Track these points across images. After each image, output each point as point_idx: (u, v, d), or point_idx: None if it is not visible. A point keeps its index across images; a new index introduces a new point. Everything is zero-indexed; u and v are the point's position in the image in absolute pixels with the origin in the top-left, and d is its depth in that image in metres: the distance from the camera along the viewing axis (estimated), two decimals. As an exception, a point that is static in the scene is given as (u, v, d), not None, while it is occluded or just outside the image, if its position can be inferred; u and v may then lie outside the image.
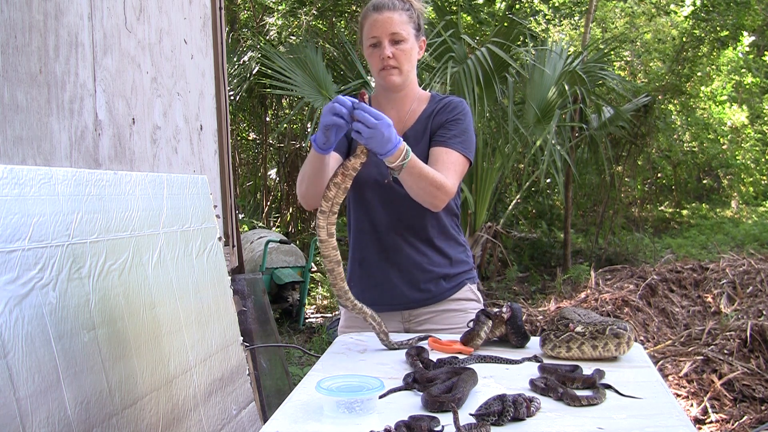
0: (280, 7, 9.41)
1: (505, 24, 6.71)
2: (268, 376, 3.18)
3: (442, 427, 1.12)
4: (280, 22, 9.29)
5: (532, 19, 9.46)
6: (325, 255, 1.56)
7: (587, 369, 1.42)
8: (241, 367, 2.30)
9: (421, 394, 1.28)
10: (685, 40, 9.70)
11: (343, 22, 9.74)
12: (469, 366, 1.46)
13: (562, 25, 11.68)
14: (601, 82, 7.09)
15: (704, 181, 15.51)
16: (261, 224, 9.19)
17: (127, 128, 2.19)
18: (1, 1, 1.60)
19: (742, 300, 5.28)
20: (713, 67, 11.56)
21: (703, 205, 14.57)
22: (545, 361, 1.52)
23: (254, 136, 10.72)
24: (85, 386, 1.43)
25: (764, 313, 4.75)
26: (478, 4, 8.20)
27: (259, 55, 7.60)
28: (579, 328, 1.55)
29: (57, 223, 1.45)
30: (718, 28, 9.38)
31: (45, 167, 1.51)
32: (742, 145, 13.84)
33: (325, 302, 6.92)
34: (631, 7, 11.45)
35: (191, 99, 2.72)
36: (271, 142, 10.12)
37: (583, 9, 9.88)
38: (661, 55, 10.80)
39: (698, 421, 3.44)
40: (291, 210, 10.03)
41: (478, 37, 7.51)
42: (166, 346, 1.80)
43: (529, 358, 1.56)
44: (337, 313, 6.38)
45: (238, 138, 10.29)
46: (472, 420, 1.14)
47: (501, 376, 1.45)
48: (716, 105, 12.90)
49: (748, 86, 13.49)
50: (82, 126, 1.92)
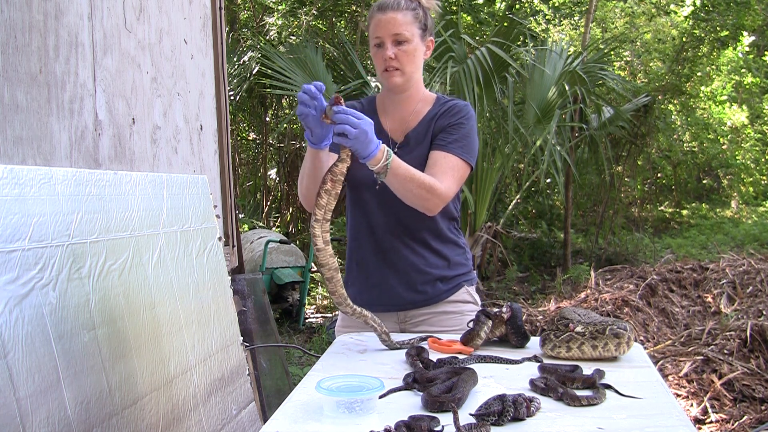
0: (280, 7, 9.41)
1: (505, 24, 6.72)
2: (268, 376, 3.18)
3: (442, 427, 1.12)
4: (280, 22, 9.29)
5: (532, 19, 9.47)
6: (323, 263, 1.55)
7: (587, 369, 1.42)
8: (241, 367, 2.30)
9: (421, 394, 1.28)
10: (685, 40, 9.70)
11: (343, 22, 9.75)
12: (469, 366, 1.46)
13: (562, 25, 11.68)
14: (601, 82, 7.09)
15: (704, 181, 15.51)
16: (261, 224, 9.19)
17: (127, 128, 2.19)
18: (1, 1, 1.60)
19: (742, 300, 5.28)
20: (713, 67, 11.56)
21: (703, 205, 14.57)
22: (545, 361, 1.52)
23: (254, 136, 10.72)
24: (85, 386, 1.43)
25: (764, 313, 4.75)
26: (478, 4, 8.20)
27: (259, 55, 7.60)
28: (579, 328, 1.55)
29: (57, 223, 1.45)
30: (718, 28, 9.38)
31: (45, 167, 1.51)
32: (742, 145, 13.85)
33: (325, 302, 6.92)
34: (631, 7, 11.45)
35: (191, 99, 2.72)
36: (271, 142, 10.12)
37: (583, 9, 9.89)
38: (661, 55, 10.80)
39: (698, 421, 3.44)
40: (291, 210, 10.04)
41: (478, 37, 7.51)
42: (166, 346, 1.80)
43: (529, 358, 1.56)
44: (336, 313, 6.38)
45: (238, 138, 10.29)
46: (472, 420, 1.14)
47: (501, 376, 1.45)
48: (716, 105, 12.90)
49: (748, 86, 13.49)
50: (82, 126, 1.92)
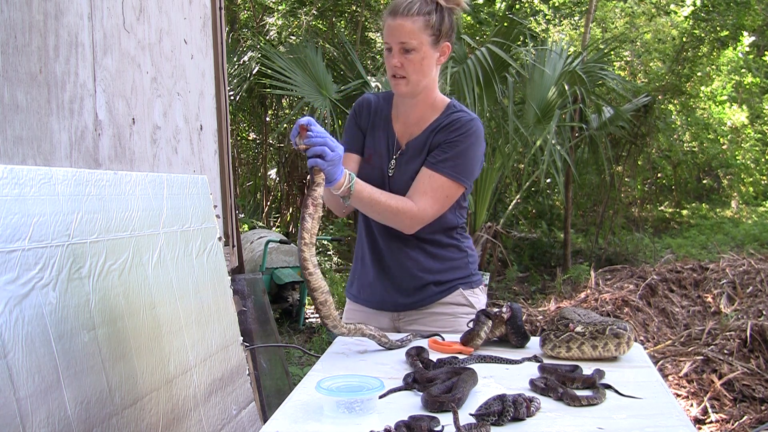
0: (280, 7, 9.41)
1: (505, 24, 6.71)
2: (268, 376, 3.18)
3: (442, 427, 1.12)
4: (280, 22, 9.29)
5: (532, 19, 9.47)
6: (316, 288, 1.53)
7: (587, 369, 1.42)
8: (241, 367, 2.30)
9: (421, 394, 1.28)
10: (685, 40, 9.70)
11: (343, 22, 9.74)
12: (469, 366, 1.46)
13: (562, 25, 11.68)
14: (601, 82, 7.09)
15: (704, 181, 15.51)
16: (261, 224, 9.19)
17: (127, 128, 2.19)
18: (1, 1, 1.60)
19: (742, 300, 5.28)
20: (713, 67, 11.56)
21: (703, 205, 14.57)
22: (545, 361, 1.52)
23: (254, 136, 10.72)
24: (85, 386, 1.43)
25: (764, 313, 4.76)
26: (478, 4, 8.20)
27: (259, 55, 7.60)
28: (579, 328, 1.55)
29: (57, 223, 1.45)
30: (718, 28, 9.38)
31: (45, 167, 1.51)
32: (742, 145, 13.85)
33: (325, 302, 6.91)
34: (631, 7, 11.45)
35: (191, 99, 2.72)
36: (271, 142, 10.11)
37: (583, 9, 9.89)
38: (661, 55, 10.80)
39: (698, 421, 3.44)
40: (291, 210, 10.03)
41: (478, 37, 7.51)
42: (166, 346, 1.80)
43: (529, 358, 1.56)
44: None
45: (238, 138, 10.29)
46: (472, 420, 1.14)
47: (501, 376, 1.45)
48: (716, 105, 12.90)
49: (748, 86, 13.49)
50: (82, 126, 1.92)
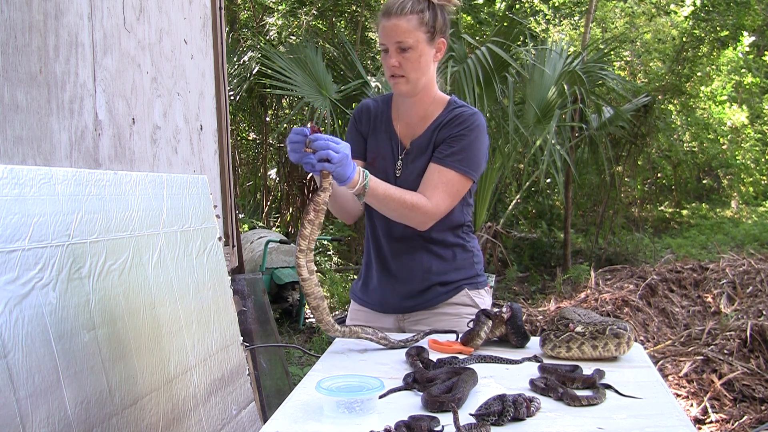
0: (280, 7, 9.41)
1: (505, 24, 6.72)
2: (268, 376, 3.18)
3: (442, 427, 1.12)
4: (280, 22, 9.29)
5: (532, 19, 9.47)
6: (309, 293, 1.56)
7: (587, 369, 1.42)
8: (241, 367, 2.30)
9: (421, 394, 1.28)
10: (685, 40, 9.71)
11: (343, 22, 9.74)
12: (469, 366, 1.46)
13: (562, 25, 11.68)
14: (600, 82, 7.09)
15: (704, 181, 15.51)
16: (261, 224, 9.19)
17: (127, 128, 2.19)
18: (1, 1, 1.60)
19: (742, 300, 5.28)
20: (713, 67, 11.57)
21: (703, 205, 14.58)
22: (545, 361, 1.52)
23: (254, 136, 10.72)
24: (85, 386, 1.43)
25: (764, 313, 4.75)
26: (478, 4, 8.21)
27: (259, 55, 7.60)
28: (579, 328, 1.55)
29: (57, 223, 1.45)
30: (718, 28, 9.38)
31: (45, 167, 1.51)
32: (742, 145, 13.85)
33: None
34: (631, 7, 11.45)
35: (191, 99, 2.72)
36: (271, 142, 10.11)
37: (583, 9, 9.89)
38: (661, 55, 10.80)
39: (698, 421, 3.44)
40: (291, 210, 10.03)
41: (478, 37, 7.51)
42: (166, 346, 1.80)
43: (529, 358, 1.56)
44: (337, 313, 6.38)
45: (238, 138, 10.29)
46: (472, 420, 1.14)
47: (501, 376, 1.45)
48: (716, 105, 12.91)
49: (748, 86, 13.49)
50: (82, 126, 1.92)
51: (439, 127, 1.88)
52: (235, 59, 8.15)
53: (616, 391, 1.33)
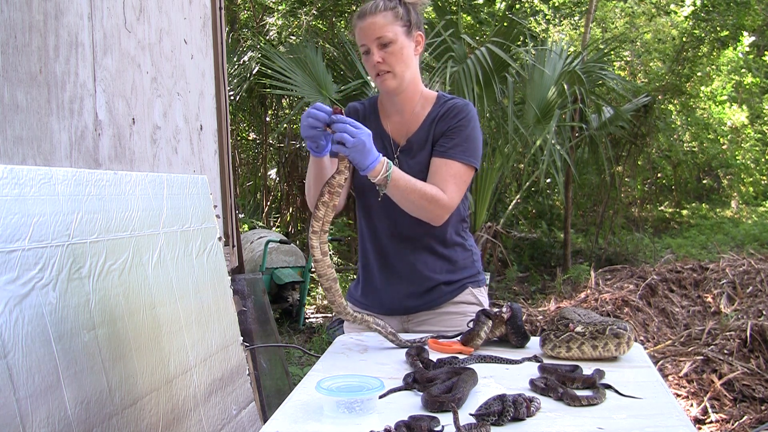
0: (280, 7, 9.41)
1: (505, 24, 6.72)
2: (268, 376, 3.18)
3: (442, 427, 1.12)
4: (280, 22, 9.29)
5: (532, 19, 9.46)
6: (322, 274, 1.56)
7: (587, 369, 1.42)
8: (241, 367, 2.30)
9: (421, 394, 1.28)
10: (685, 40, 9.71)
11: (343, 22, 9.74)
12: (469, 366, 1.46)
13: (562, 25, 11.68)
14: (600, 82, 7.09)
15: (704, 181, 15.51)
16: (261, 224, 9.19)
17: (127, 128, 2.19)
18: (1, 1, 1.60)
19: (742, 300, 5.28)
20: (713, 67, 11.57)
21: (703, 205, 14.58)
22: (545, 361, 1.52)
23: (254, 136, 10.72)
24: (85, 386, 1.43)
25: (764, 313, 4.75)
26: (478, 4, 8.20)
27: (259, 55, 7.60)
28: (579, 328, 1.55)
29: (57, 223, 1.45)
30: (718, 28, 9.38)
31: (45, 167, 1.51)
32: (742, 145, 13.85)
33: (325, 302, 6.92)
34: (631, 7, 11.46)
35: (191, 99, 2.72)
36: (271, 142, 10.11)
37: (583, 9, 9.89)
38: (661, 55, 10.81)
39: (698, 421, 3.44)
40: (291, 210, 10.03)
41: (478, 37, 7.51)
42: (166, 346, 1.80)
43: (529, 358, 1.56)
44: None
45: (238, 138, 10.29)
46: (472, 420, 1.14)
47: (501, 376, 1.45)
48: (716, 105, 12.91)
49: (748, 86, 13.50)
50: (82, 126, 1.92)
51: (435, 121, 1.89)
52: (235, 59, 8.15)
53: (616, 391, 1.33)
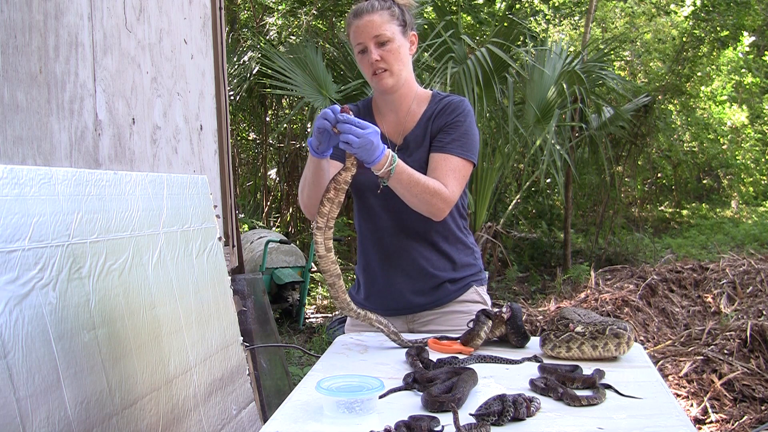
0: (280, 7, 9.41)
1: (505, 24, 6.72)
2: (268, 376, 3.18)
3: (442, 427, 1.12)
4: (280, 22, 9.29)
5: (532, 19, 9.46)
6: (325, 270, 1.57)
7: (587, 369, 1.42)
8: (241, 367, 2.30)
9: (421, 394, 1.28)
10: (685, 40, 9.71)
11: (343, 22, 9.74)
12: (469, 366, 1.46)
13: (562, 25, 11.69)
14: (600, 82, 7.09)
15: (704, 181, 15.51)
16: (261, 224, 9.18)
17: (127, 128, 2.19)
18: (1, 1, 1.60)
19: (742, 300, 5.28)
20: (713, 67, 11.58)
21: (703, 205, 14.58)
22: (545, 361, 1.52)
23: (254, 136, 10.71)
24: (85, 386, 1.43)
25: (764, 313, 4.75)
26: (478, 4, 8.20)
27: (259, 55, 7.60)
28: (579, 328, 1.55)
29: (57, 223, 1.45)
30: (718, 28, 9.38)
31: (45, 167, 1.51)
32: (742, 145, 13.86)
33: (325, 302, 6.93)
34: (631, 7, 11.46)
35: (191, 99, 2.72)
36: (271, 142, 10.11)
37: (583, 9, 9.89)
38: (661, 55, 10.81)
39: (698, 421, 3.44)
40: (291, 210, 10.03)
41: (478, 37, 7.51)
42: (166, 346, 1.80)
43: (529, 358, 1.56)
44: (337, 313, 6.39)
45: (238, 138, 10.29)
46: (472, 420, 1.14)
47: (501, 376, 1.45)
48: (716, 105, 12.92)
49: (748, 86, 13.50)
50: (82, 126, 1.92)
51: (432, 118, 1.90)
52: (235, 59, 8.14)
53: (616, 391, 1.33)
